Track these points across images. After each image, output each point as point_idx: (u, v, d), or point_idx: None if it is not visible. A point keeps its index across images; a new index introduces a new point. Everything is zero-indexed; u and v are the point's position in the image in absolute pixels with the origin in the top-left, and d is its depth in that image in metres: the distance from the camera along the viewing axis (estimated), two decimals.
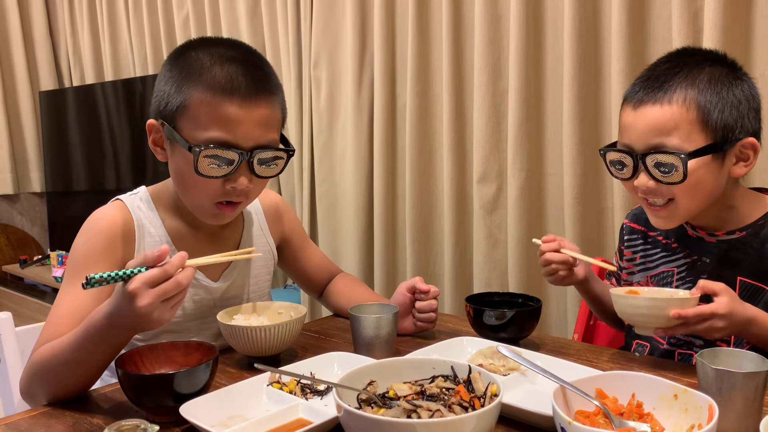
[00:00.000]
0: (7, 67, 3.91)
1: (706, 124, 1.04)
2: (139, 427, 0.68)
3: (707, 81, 1.06)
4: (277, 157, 1.11)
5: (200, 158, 1.04)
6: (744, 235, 1.13)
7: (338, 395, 0.77)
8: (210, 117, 1.05)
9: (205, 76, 1.06)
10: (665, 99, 1.06)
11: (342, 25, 2.44)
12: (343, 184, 2.51)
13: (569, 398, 0.82)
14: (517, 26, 1.89)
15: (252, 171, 1.08)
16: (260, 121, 1.08)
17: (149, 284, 0.88)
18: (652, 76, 1.10)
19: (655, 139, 1.06)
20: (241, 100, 1.05)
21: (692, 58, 1.10)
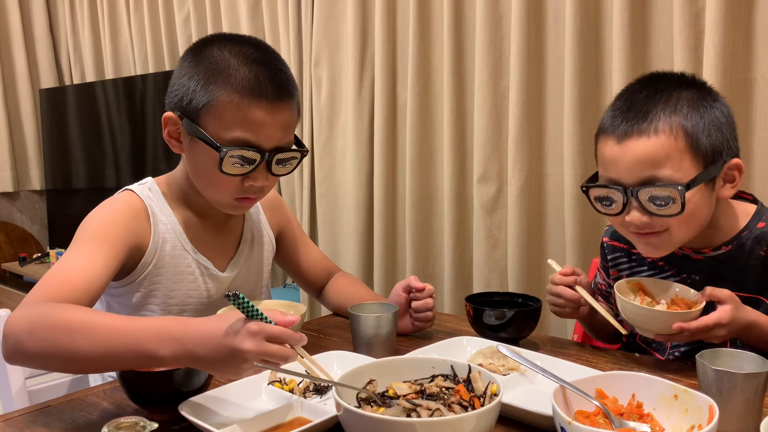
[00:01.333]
0: (8, 65, 3.91)
1: (697, 151, 1.00)
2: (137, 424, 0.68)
3: (689, 106, 1.02)
4: (293, 157, 1.15)
5: (226, 158, 1.07)
6: (730, 249, 1.10)
7: (338, 394, 0.77)
8: (237, 118, 1.07)
9: (233, 78, 1.07)
10: (651, 129, 1.00)
11: (343, 24, 2.44)
12: (344, 183, 2.51)
13: (569, 398, 0.82)
14: (519, 26, 1.89)
15: (269, 170, 1.12)
16: (283, 124, 1.11)
17: (266, 336, 0.83)
18: (631, 106, 1.04)
19: (646, 171, 1.01)
20: (267, 103, 1.08)
21: (668, 83, 1.05)
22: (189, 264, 1.21)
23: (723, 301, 1.01)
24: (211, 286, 1.24)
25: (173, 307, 1.21)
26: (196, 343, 0.84)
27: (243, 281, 1.30)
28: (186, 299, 1.22)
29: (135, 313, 1.19)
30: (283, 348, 0.84)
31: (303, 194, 2.65)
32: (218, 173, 1.08)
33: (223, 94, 1.07)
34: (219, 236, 1.26)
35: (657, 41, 1.72)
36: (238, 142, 1.08)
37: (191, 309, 1.22)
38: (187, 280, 1.21)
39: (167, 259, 1.18)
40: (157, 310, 1.20)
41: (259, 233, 1.34)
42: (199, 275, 1.22)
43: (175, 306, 1.21)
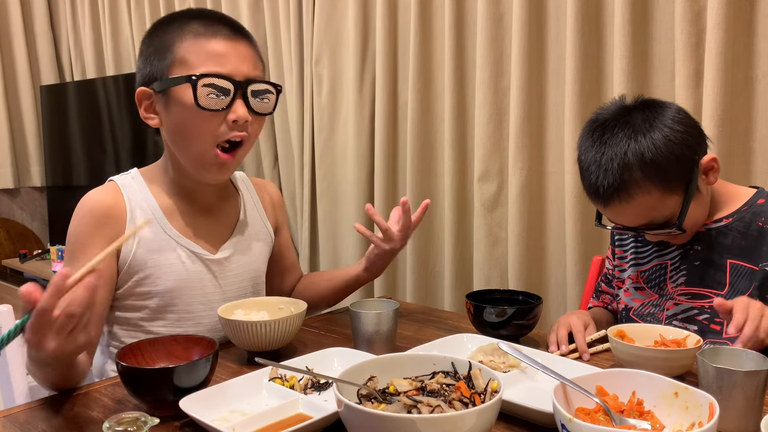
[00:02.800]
0: (8, 61, 3.91)
1: (670, 188, 1.10)
2: (139, 420, 0.68)
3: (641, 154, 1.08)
4: (267, 90, 1.16)
5: (199, 88, 1.08)
6: (730, 221, 1.18)
7: (338, 390, 0.77)
8: (200, 55, 1.10)
9: (186, 29, 1.12)
10: (625, 198, 1.10)
11: (344, 22, 2.44)
12: (344, 181, 2.51)
13: (570, 395, 0.82)
14: (520, 24, 1.89)
15: (247, 104, 1.13)
16: (246, 56, 1.14)
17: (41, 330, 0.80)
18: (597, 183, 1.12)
19: (641, 221, 1.14)
20: (224, 37, 1.12)
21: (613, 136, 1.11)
22: (174, 248, 1.18)
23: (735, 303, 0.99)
24: (203, 270, 1.21)
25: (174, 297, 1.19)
26: None
27: (241, 265, 1.27)
28: (182, 287, 1.19)
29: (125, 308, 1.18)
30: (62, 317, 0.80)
31: (304, 192, 2.64)
32: (197, 116, 1.09)
33: (181, 44, 1.11)
34: (210, 220, 1.24)
35: (658, 39, 1.71)
36: (207, 74, 1.09)
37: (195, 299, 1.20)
38: (175, 267, 1.18)
39: (149, 245, 1.17)
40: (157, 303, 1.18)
41: (257, 223, 1.33)
42: (188, 260, 1.19)
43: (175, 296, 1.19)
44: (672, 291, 1.22)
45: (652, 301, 1.25)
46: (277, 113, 2.78)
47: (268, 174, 2.85)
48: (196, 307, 1.22)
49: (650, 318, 1.25)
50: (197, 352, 0.99)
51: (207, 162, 1.15)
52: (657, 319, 1.23)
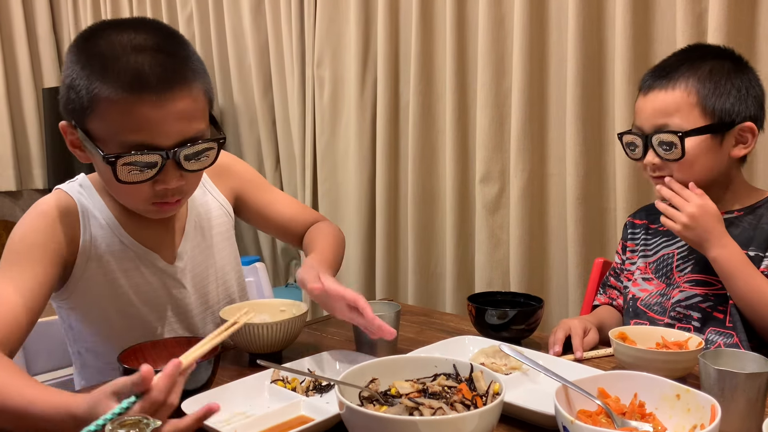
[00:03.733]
0: (11, 64, 3.91)
1: (705, 108, 1.15)
2: (141, 421, 0.68)
3: (709, 71, 1.17)
4: (206, 149, 1.01)
5: (118, 167, 0.95)
6: (742, 214, 1.21)
7: (340, 393, 0.77)
8: (121, 120, 0.94)
9: (110, 72, 0.93)
10: (669, 85, 1.18)
11: (345, 24, 2.44)
12: (346, 183, 2.51)
13: (571, 397, 0.82)
14: (521, 26, 1.89)
15: (180, 167, 0.99)
16: (180, 115, 0.97)
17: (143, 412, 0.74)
18: (660, 66, 1.23)
19: (659, 120, 1.18)
20: (154, 97, 0.94)
21: (699, 52, 1.23)
22: (132, 259, 1.11)
23: None
24: (166, 281, 1.15)
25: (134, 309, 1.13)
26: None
27: (201, 268, 1.21)
28: (144, 298, 1.13)
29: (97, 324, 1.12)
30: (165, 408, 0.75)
31: (305, 194, 2.65)
32: (120, 185, 0.97)
33: (104, 92, 0.93)
34: (161, 227, 1.15)
35: (660, 42, 1.72)
36: (131, 146, 0.94)
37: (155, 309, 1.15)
38: (135, 277, 1.12)
39: (106, 257, 1.09)
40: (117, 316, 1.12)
41: (207, 210, 1.23)
42: (147, 271, 1.13)
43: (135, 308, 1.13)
44: (678, 280, 1.23)
45: (659, 290, 1.26)
46: (279, 116, 2.78)
47: (270, 176, 2.85)
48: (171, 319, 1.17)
49: (657, 307, 1.25)
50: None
51: (145, 212, 1.08)
52: (663, 307, 1.24)
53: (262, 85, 2.81)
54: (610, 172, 1.85)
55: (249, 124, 2.95)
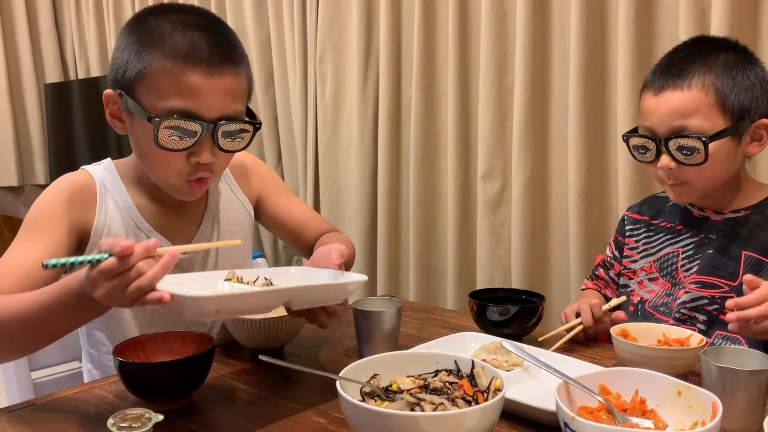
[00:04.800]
0: (13, 60, 3.92)
1: (724, 107, 1.11)
2: (143, 416, 0.69)
3: (723, 66, 1.12)
4: (243, 130, 1.06)
5: (161, 129, 0.99)
6: (749, 213, 1.18)
7: (342, 388, 0.77)
8: (171, 86, 0.99)
9: (166, 43, 1.00)
10: (685, 84, 1.12)
11: (348, 21, 2.44)
12: (347, 179, 2.51)
13: (572, 394, 0.82)
14: (524, 23, 1.89)
15: (216, 144, 1.03)
16: (225, 90, 1.02)
17: (107, 274, 0.80)
18: (671, 63, 1.17)
19: (676, 122, 1.12)
20: (205, 68, 1.00)
21: (707, 45, 1.17)
22: None
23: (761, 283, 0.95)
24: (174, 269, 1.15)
25: None
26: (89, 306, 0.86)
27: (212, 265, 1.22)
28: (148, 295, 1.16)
29: None
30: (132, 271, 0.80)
31: (307, 190, 2.65)
32: (158, 150, 1.01)
33: (156, 60, 1.00)
34: (177, 217, 1.18)
35: (662, 39, 1.71)
36: (175, 111, 0.99)
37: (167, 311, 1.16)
38: None
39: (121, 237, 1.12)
40: None
41: (228, 206, 1.26)
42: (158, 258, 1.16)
43: None
44: (684, 280, 1.21)
45: (665, 290, 1.24)
46: (281, 112, 2.78)
47: None
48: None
49: (663, 308, 1.24)
50: (195, 348, 0.99)
51: (173, 188, 1.11)
52: (669, 308, 1.22)
53: (264, 81, 2.81)
54: (612, 170, 1.85)
55: None
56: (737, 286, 1.14)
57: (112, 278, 0.81)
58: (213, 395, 0.98)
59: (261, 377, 1.06)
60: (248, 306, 0.94)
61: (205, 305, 0.83)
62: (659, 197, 1.36)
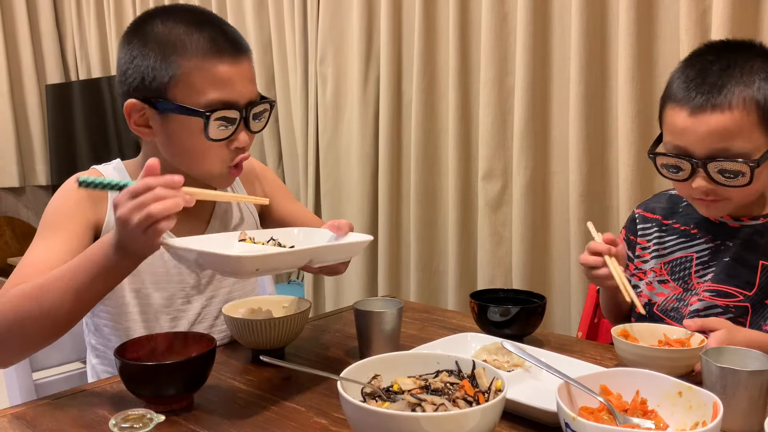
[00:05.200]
0: (14, 60, 3.92)
1: (766, 123, 1.04)
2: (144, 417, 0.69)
3: (761, 78, 1.05)
4: (265, 110, 1.15)
5: (210, 122, 1.06)
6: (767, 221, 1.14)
7: (343, 389, 0.77)
8: (207, 80, 1.06)
9: (189, 44, 1.06)
10: (725, 104, 1.03)
11: (348, 21, 2.44)
12: (348, 180, 2.51)
13: (573, 394, 0.82)
14: (524, 23, 1.89)
15: (247, 127, 1.12)
16: (248, 76, 1.11)
17: (130, 193, 0.88)
18: (705, 79, 1.07)
19: (717, 144, 1.04)
20: (230, 58, 1.08)
21: (740, 54, 1.08)
22: None
23: (714, 328, 1.01)
24: (180, 267, 1.20)
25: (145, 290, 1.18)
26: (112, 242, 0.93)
27: None
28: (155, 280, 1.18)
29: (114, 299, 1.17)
30: (150, 193, 0.87)
31: (308, 191, 2.65)
32: (204, 143, 1.07)
33: (186, 62, 1.06)
34: (186, 217, 1.19)
35: (663, 39, 1.71)
36: (215, 103, 1.06)
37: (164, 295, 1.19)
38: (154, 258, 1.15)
39: None
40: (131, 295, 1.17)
41: (236, 209, 1.30)
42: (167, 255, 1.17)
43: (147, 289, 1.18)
44: (698, 286, 1.18)
45: (676, 294, 1.21)
46: (282, 112, 2.79)
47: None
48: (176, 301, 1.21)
49: (674, 313, 1.21)
50: (197, 349, 0.99)
51: (217, 177, 1.15)
52: (681, 314, 1.20)
53: (265, 82, 2.81)
54: (612, 170, 1.85)
55: None
56: (753, 295, 1.11)
57: (133, 197, 0.87)
58: (214, 396, 0.98)
59: (262, 378, 1.06)
60: (281, 264, 1.03)
61: (245, 264, 0.90)
62: (671, 195, 1.30)
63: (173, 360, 0.94)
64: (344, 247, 1.09)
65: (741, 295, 1.12)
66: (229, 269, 0.93)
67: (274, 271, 1.15)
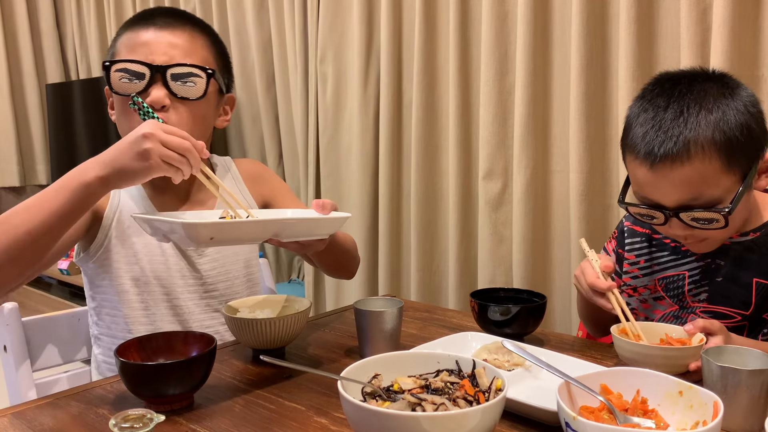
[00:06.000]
0: (14, 60, 3.92)
1: (731, 166, 0.99)
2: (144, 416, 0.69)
3: (717, 119, 0.99)
4: (191, 74, 1.13)
5: (112, 73, 1.12)
6: (758, 236, 1.11)
7: (343, 388, 0.77)
8: (127, 47, 1.14)
9: (128, 25, 1.16)
10: (684, 155, 0.98)
11: (349, 20, 2.44)
12: (349, 179, 2.51)
13: (574, 394, 0.82)
14: (525, 22, 1.88)
15: (168, 88, 1.12)
16: (175, 44, 1.14)
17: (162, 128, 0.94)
18: (660, 128, 1.01)
19: (684, 195, 1.01)
20: (156, 27, 1.14)
21: (690, 93, 1.02)
22: None
23: (714, 332, 0.99)
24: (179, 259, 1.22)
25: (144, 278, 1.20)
26: (107, 152, 0.96)
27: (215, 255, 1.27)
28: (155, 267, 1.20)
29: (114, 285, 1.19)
30: (181, 140, 0.93)
31: (308, 190, 2.65)
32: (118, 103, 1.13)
33: (120, 36, 1.17)
34: (188, 209, 1.24)
35: (664, 38, 1.71)
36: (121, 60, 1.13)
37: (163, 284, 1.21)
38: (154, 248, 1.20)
39: (128, 224, 1.18)
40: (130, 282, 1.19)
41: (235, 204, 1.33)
42: (167, 247, 1.21)
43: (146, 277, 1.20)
44: (693, 305, 1.15)
45: (672, 312, 1.18)
46: (282, 112, 2.78)
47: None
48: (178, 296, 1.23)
49: None
50: (197, 348, 0.99)
51: None
52: None
53: (265, 81, 2.81)
54: (613, 169, 1.85)
55: (252, 120, 2.95)
56: (750, 314, 1.09)
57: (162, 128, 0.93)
58: (214, 396, 0.98)
59: (262, 377, 1.06)
60: (240, 234, 1.04)
61: (201, 231, 0.92)
62: None
63: (173, 360, 0.94)
64: (311, 222, 1.08)
65: (738, 316, 1.10)
66: (183, 236, 0.94)
67: (233, 242, 1.16)
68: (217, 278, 1.27)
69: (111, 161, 0.95)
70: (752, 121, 1.01)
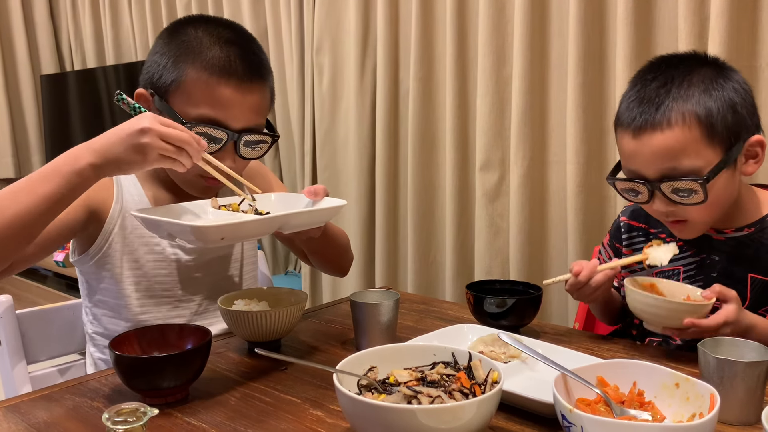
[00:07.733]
0: (8, 51, 3.90)
1: (712, 137, 1.01)
2: (138, 410, 0.68)
3: (701, 91, 1.02)
4: (262, 141, 1.16)
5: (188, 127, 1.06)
6: (753, 231, 1.11)
7: (339, 381, 0.77)
8: (204, 96, 1.08)
9: (203, 55, 1.08)
10: (664, 122, 1.01)
11: (345, 10, 2.42)
12: (345, 170, 2.51)
13: (570, 386, 0.82)
14: (522, 12, 1.87)
15: (237, 152, 1.13)
16: (252, 106, 1.12)
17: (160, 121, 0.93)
18: (644, 98, 1.04)
19: (665, 164, 1.02)
20: (237, 82, 1.09)
21: (678, 68, 1.05)
22: (158, 242, 1.20)
23: (729, 300, 1.00)
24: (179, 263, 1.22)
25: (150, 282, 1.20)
26: (100, 140, 0.94)
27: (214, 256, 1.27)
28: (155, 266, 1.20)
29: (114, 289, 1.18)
30: (179, 132, 0.93)
31: (305, 181, 2.64)
32: None
33: (192, 71, 1.08)
34: None
35: (661, 28, 1.70)
36: (205, 119, 1.08)
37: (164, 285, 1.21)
38: (155, 253, 1.20)
39: (131, 229, 1.17)
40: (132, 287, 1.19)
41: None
42: (168, 247, 1.21)
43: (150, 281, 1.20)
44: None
45: None
46: (278, 103, 2.77)
47: (269, 164, 2.85)
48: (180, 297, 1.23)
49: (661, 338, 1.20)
50: (192, 341, 0.99)
51: (192, 185, 1.17)
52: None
53: None
54: (610, 160, 1.84)
55: None
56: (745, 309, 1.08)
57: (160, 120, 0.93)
58: (210, 388, 0.98)
59: (258, 370, 1.06)
60: (248, 233, 1.05)
61: (210, 234, 0.93)
62: None
63: (168, 352, 0.93)
64: (313, 213, 1.10)
65: None
66: (194, 239, 0.95)
67: (241, 240, 1.19)
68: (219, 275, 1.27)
69: (105, 151, 0.93)
70: (738, 99, 1.03)
